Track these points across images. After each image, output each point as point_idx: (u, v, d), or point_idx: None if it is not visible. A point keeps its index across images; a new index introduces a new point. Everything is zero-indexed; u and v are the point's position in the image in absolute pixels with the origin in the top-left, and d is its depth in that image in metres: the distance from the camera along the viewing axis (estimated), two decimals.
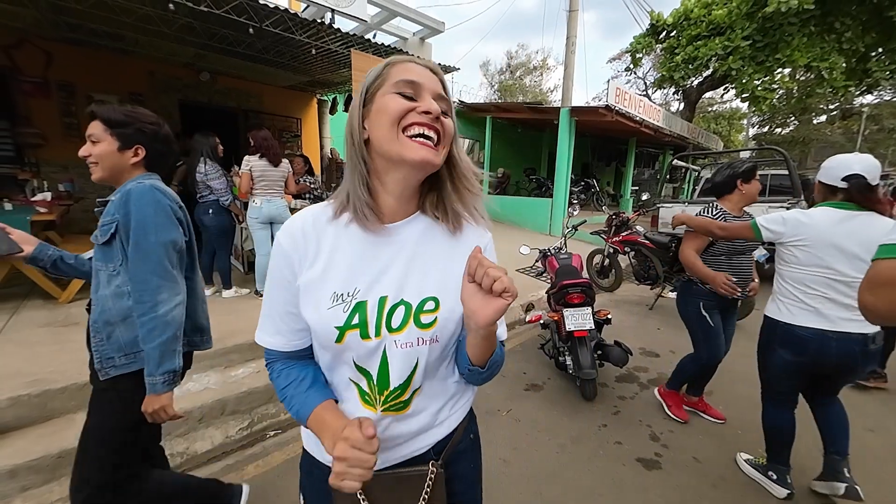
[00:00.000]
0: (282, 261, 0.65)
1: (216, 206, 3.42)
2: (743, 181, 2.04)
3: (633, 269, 4.91)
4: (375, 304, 0.63)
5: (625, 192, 12.26)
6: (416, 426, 0.69)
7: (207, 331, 1.35)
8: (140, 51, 5.24)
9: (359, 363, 0.65)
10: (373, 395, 0.65)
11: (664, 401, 2.49)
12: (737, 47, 9.15)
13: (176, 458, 2.00)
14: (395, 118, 0.58)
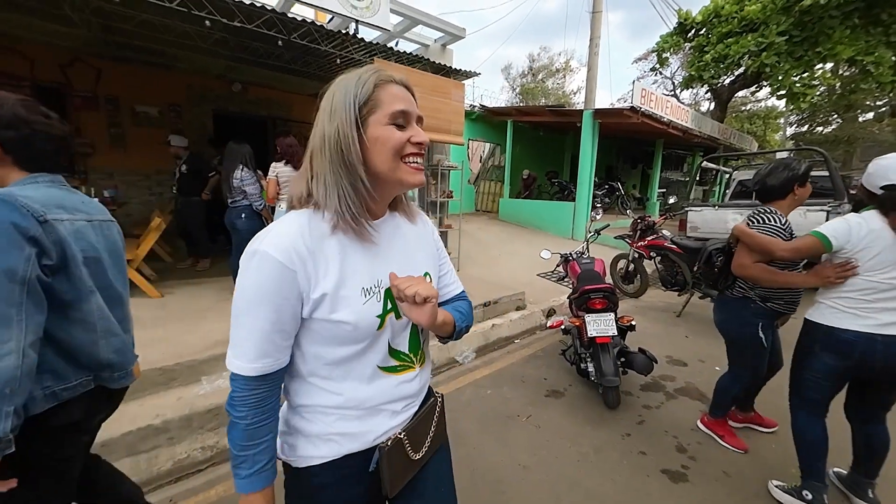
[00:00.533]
0: (280, 280, 0.64)
1: (249, 211, 3.58)
2: (800, 184, 1.84)
3: (660, 274, 4.76)
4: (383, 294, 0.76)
5: (651, 195, 11.91)
6: (428, 370, 0.90)
7: (120, 364, 1.12)
8: (178, 65, 5.57)
9: (393, 345, 0.78)
10: (409, 361, 0.82)
11: (713, 432, 2.24)
12: (771, 43, 8.73)
13: (206, 451, 2.10)
14: (397, 151, 0.68)
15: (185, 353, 2.52)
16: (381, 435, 0.78)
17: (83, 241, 1.03)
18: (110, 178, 5.48)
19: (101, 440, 1.90)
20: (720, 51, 9.59)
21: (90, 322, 1.03)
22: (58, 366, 0.97)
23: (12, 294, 0.82)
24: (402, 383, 0.81)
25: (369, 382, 0.76)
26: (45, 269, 0.90)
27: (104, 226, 1.14)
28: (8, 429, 0.80)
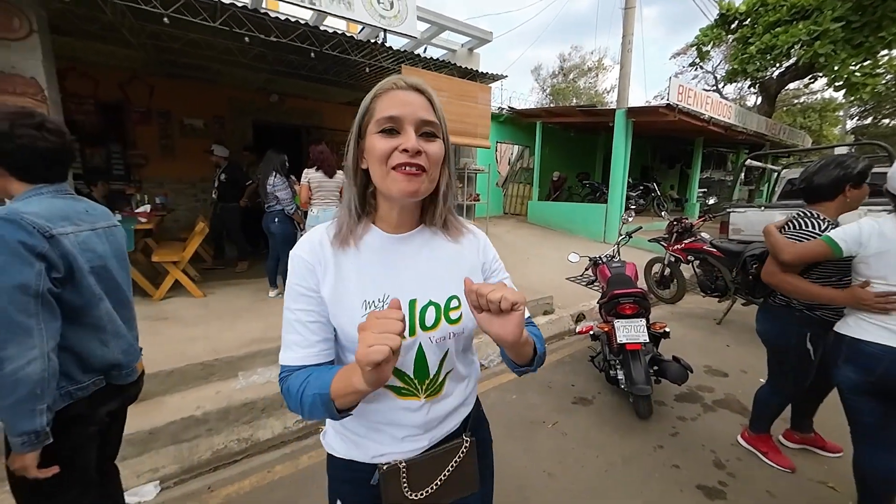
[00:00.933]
0: (304, 272, 0.70)
1: (281, 215, 3.77)
2: (853, 185, 1.66)
3: (698, 279, 4.51)
4: (406, 306, 0.70)
5: (690, 195, 11.31)
6: (452, 405, 0.78)
7: (127, 363, 1.18)
8: (221, 79, 5.95)
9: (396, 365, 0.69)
10: (412, 386, 0.73)
11: (755, 448, 2.09)
12: (826, 31, 8.06)
13: (242, 443, 2.21)
14: (382, 159, 0.64)
15: (223, 349, 2.67)
16: (382, 455, 0.75)
17: (89, 252, 1.06)
18: (161, 187, 5.92)
19: (149, 428, 2.07)
20: (767, 42, 8.97)
21: (100, 326, 1.09)
22: (71, 368, 1.03)
23: (28, 306, 0.89)
24: (404, 409, 0.73)
25: (370, 398, 0.70)
26: (54, 281, 0.95)
27: (109, 231, 1.18)
28: (44, 423, 0.91)
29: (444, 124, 0.69)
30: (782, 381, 1.94)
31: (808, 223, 1.70)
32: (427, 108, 0.66)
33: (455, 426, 0.81)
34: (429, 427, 0.76)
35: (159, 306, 3.51)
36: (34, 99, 2.71)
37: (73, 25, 3.73)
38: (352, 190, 0.72)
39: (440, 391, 0.76)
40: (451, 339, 0.74)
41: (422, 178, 0.65)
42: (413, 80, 0.68)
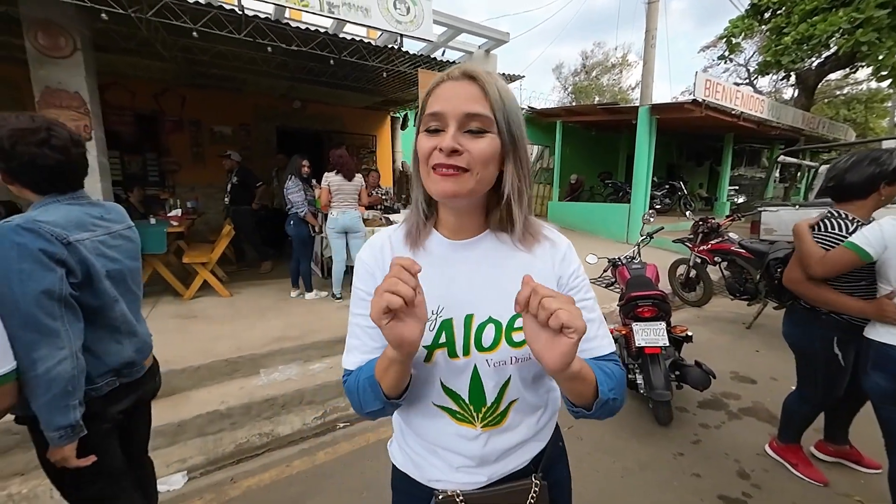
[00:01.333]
0: (366, 276, 0.69)
1: (296, 218, 3.92)
2: (889, 182, 1.55)
3: (726, 281, 4.32)
4: (461, 322, 0.63)
5: (720, 194, 10.85)
6: (517, 438, 0.68)
7: (139, 360, 1.22)
8: (247, 88, 6.21)
9: (447, 384, 0.65)
10: (467, 412, 0.65)
11: (784, 459, 1.98)
12: (869, 18, 7.53)
13: (263, 437, 2.30)
14: (424, 159, 0.60)
15: (247, 347, 2.79)
16: (437, 481, 0.69)
17: (104, 257, 1.10)
18: (192, 191, 6.22)
19: (178, 421, 2.19)
20: (803, 31, 8.47)
21: (115, 327, 1.14)
22: (88, 369, 1.05)
23: (54, 310, 0.95)
24: (459, 436, 0.66)
25: (425, 415, 0.68)
26: (72, 285, 1.00)
27: (124, 233, 1.23)
28: (78, 417, 0.98)
29: (503, 115, 0.58)
30: (812, 388, 1.84)
31: (836, 224, 1.61)
32: (477, 99, 0.57)
33: (522, 464, 0.70)
34: (486, 461, 0.67)
35: (189, 305, 3.69)
36: (77, 112, 2.92)
37: (112, 42, 3.99)
38: (418, 191, 0.67)
39: (501, 422, 0.66)
40: (512, 365, 0.64)
41: (461, 179, 0.57)
42: (468, 68, 0.60)
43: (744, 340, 3.66)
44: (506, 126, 0.59)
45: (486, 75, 0.59)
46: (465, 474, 0.67)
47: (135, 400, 1.23)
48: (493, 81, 0.59)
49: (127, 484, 1.25)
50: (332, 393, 2.62)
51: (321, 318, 3.41)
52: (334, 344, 3.00)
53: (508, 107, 0.59)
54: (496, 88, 0.58)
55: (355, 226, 3.81)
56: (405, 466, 0.74)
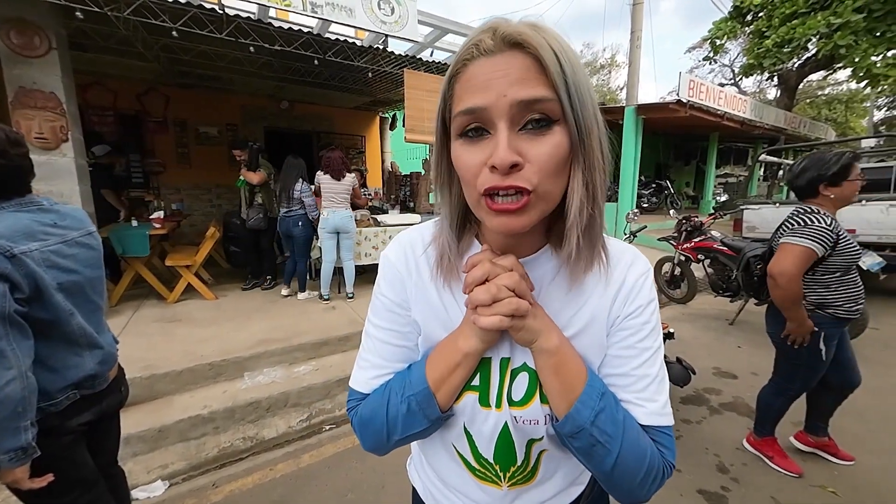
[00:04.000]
0: (393, 281, 0.55)
1: (305, 219, 3.90)
2: (829, 184, 1.65)
3: (710, 279, 4.40)
4: (498, 366, 0.51)
5: (706, 193, 11.03)
6: (552, 491, 0.58)
7: (102, 372, 1.17)
8: (233, 88, 6.13)
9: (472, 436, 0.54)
10: (491, 472, 0.55)
11: (761, 452, 2.03)
12: (846, 22, 7.75)
13: (247, 441, 2.28)
14: (469, 180, 0.42)
15: (232, 349, 2.75)
16: None
17: (55, 269, 1.02)
18: (177, 193, 6.13)
19: (159, 426, 2.15)
20: (783, 34, 8.67)
21: (74, 339, 1.08)
22: (45, 384, 1.01)
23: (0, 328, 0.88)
24: (483, 491, 0.57)
25: (447, 457, 0.59)
26: (19, 301, 0.93)
27: (82, 240, 1.14)
28: (30, 439, 0.93)
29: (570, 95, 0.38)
30: (790, 381, 1.90)
31: (810, 220, 1.65)
32: (532, 74, 0.38)
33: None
34: None
35: (173, 309, 3.64)
36: (54, 112, 2.86)
37: (91, 42, 3.91)
38: (446, 209, 0.50)
39: (532, 478, 0.56)
40: (545, 424, 0.51)
41: (528, 209, 0.41)
42: (509, 29, 0.39)
43: (726, 336, 3.73)
44: (575, 111, 0.39)
45: (537, 35, 0.38)
46: None
47: (99, 413, 1.17)
48: (550, 43, 0.38)
49: (102, 491, 1.23)
50: (317, 395, 2.61)
51: (308, 320, 3.39)
52: (320, 346, 2.98)
53: (577, 80, 0.39)
54: (555, 54, 0.38)
55: (346, 226, 3.80)
56: (425, 496, 0.65)
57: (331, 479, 1.98)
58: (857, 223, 4.20)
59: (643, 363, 0.49)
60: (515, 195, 0.40)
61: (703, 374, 2.88)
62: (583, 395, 0.46)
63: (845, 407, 1.96)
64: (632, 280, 0.51)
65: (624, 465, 0.46)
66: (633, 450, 0.46)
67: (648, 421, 0.48)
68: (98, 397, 1.17)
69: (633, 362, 0.49)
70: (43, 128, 2.83)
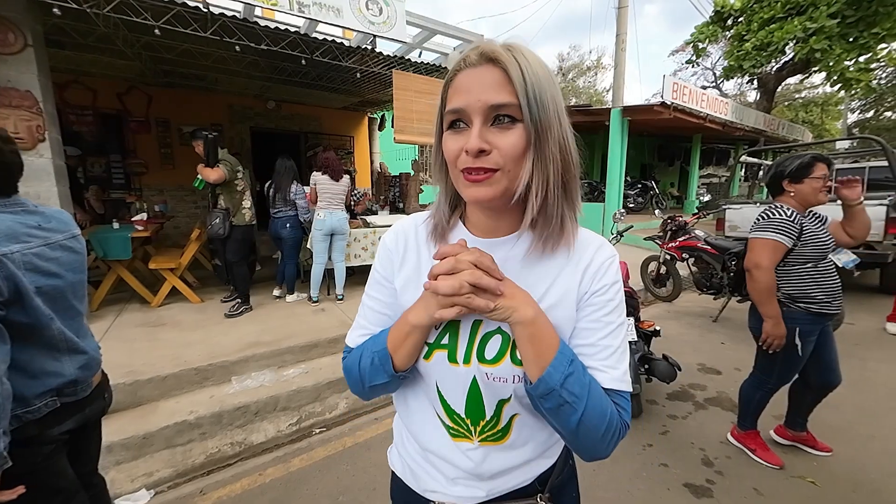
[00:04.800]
0: (384, 260, 0.67)
1: (294, 221, 3.85)
2: (792, 181, 1.77)
3: (694, 277, 4.50)
4: (468, 327, 0.59)
5: (690, 193, 11.28)
6: (522, 458, 0.63)
7: (83, 378, 1.14)
8: (219, 87, 6.03)
9: (443, 394, 0.61)
10: (463, 427, 0.61)
11: (744, 445, 2.09)
12: (821, 27, 8.04)
13: (235, 447, 2.24)
14: (452, 161, 0.54)
15: (219, 353, 2.71)
16: (433, 492, 0.66)
17: (37, 272, 1.00)
18: (161, 194, 5.99)
19: (143, 433, 2.10)
20: (762, 38, 8.95)
21: (52, 345, 1.05)
22: (23, 390, 0.98)
23: None
24: (456, 448, 0.63)
25: (424, 421, 0.65)
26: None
27: (67, 244, 1.13)
28: (2, 448, 0.86)
29: (528, 101, 0.49)
30: (768, 375, 1.97)
31: (772, 213, 1.79)
32: (501, 84, 0.49)
33: (526, 481, 0.65)
34: (484, 476, 0.62)
35: (157, 313, 3.55)
36: (30, 111, 2.77)
37: (69, 39, 3.80)
38: (442, 189, 0.63)
39: (503, 438, 0.61)
40: (514, 383, 0.57)
41: (493, 181, 0.51)
42: (487, 48, 0.51)
43: (711, 333, 3.82)
44: (533, 112, 0.49)
45: (507, 54, 0.49)
46: (463, 487, 0.64)
47: (82, 420, 1.14)
48: (518, 60, 0.49)
49: (83, 501, 1.19)
50: (307, 398, 2.58)
51: (297, 322, 3.35)
52: (310, 348, 2.95)
53: (538, 88, 0.49)
54: (520, 68, 0.49)
55: (342, 227, 3.78)
56: (403, 475, 0.71)
57: (321, 483, 1.96)
58: None
59: (607, 335, 0.57)
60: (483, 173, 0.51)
61: (688, 370, 2.95)
62: (554, 361, 0.52)
63: (825, 400, 2.03)
64: (599, 261, 0.59)
65: (588, 422, 0.52)
66: (595, 409, 0.53)
67: (610, 385, 0.55)
68: (80, 405, 1.13)
69: (599, 334, 0.57)
70: (18, 127, 2.74)
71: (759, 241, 1.79)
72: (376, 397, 0.68)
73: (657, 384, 2.68)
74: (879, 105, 18.70)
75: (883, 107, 18.77)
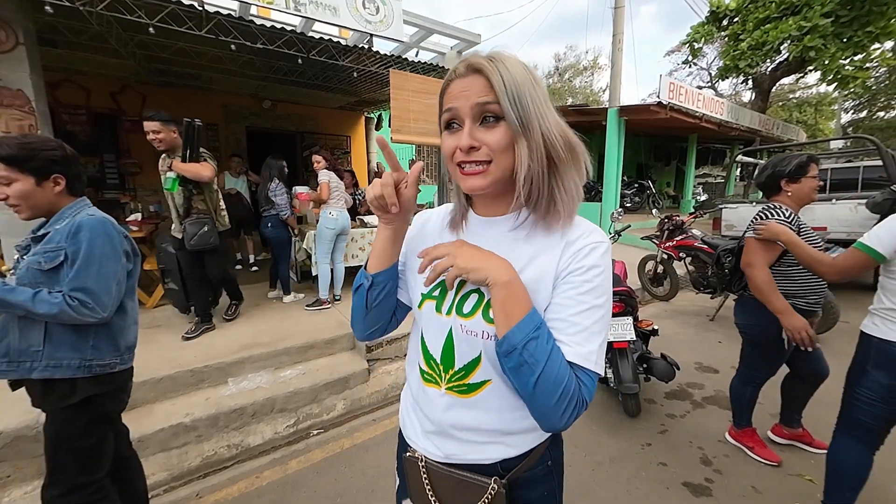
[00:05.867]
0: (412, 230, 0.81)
1: (274, 220, 3.80)
2: (790, 181, 1.78)
3: (691, 276, 4.52)
4: (456, 284, 0.66)
5: (686, 192, 11.33)
6: (484, 421, 0.67)
7: (134, 348, 1.40)
8: (214, 87, 5.98)
9: (426, 340, 0.71)
10: (436, 372, 0.69)
11: (741, 444, 2.11)
12: (815, 26, 8.10)
13: (232, 449, 2.22)
14: (449, 158, 0.63)
15: (215, 355, 2.68)
16: (410, 440, 0.75)
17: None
18: (155, 194, 5.93)
19: (137, 436, 2.07)
20: (757, 38, 9.01)
21: (133, 314, 1.39)
22: (102, 343, 1.25)
23: (114, 290, 1.25)
24: (427, 394, 0.71)
25: (413, 366, 0.75)
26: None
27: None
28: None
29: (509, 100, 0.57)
30: (754, 371, 2.00)
31: (770, 214, 1.78)
32: (485, 90, 0.58)
33: (485, 460, 0.68)
34: (443, 431, 0.69)
35: (151, 314, 3.52)
36: (21, 111, 2.73)
37: (62, 37, 3.75)
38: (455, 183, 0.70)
39: (469, 393, 0.67)
40: (483, 339, 0.64)
41: (485, 173, 0.60)
42: (472, 60, 0.60)
43: (707, 332, 3.84)
44: (513, 110, 0.58)
45: (489, 64, 0.58)
46: (430, 443, 0.71)
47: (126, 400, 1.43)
48: (498, 68, 0.58)
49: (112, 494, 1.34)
50: (304, 400, 2.56)
51: (294, 323, 3.33)
52: (307, 349, 2.93)
53: (516, 91, 0.57)
54: (500, 75, 0.57)
55: (348, 227, 3.73)
56: (401, 418, 0.80)
57: (319, 485, 1.95)
58: (828, 221, 4.38)
59: (578, 313, 0.60)
60: (478, 165, 0.61)
61: (685, 369, 2.96)
62: (521, 323, 0.57)
63: (820, 398, 2.03)
64: (581, 244, 0.63)
65: (544, 385, 0.56)
66: (553, 374, 0.56)
67: (573, 359, 0.59)
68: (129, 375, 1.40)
69: (570, 311, 0.61)
70: (10, 127, 2.70)
71: (753, 241, 1.80)
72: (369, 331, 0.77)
73: (655, 383, 2.68)
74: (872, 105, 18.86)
75: (876, 107, 18.94)
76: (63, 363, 1.18)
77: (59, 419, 1.23)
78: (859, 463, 1.51)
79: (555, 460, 0.77)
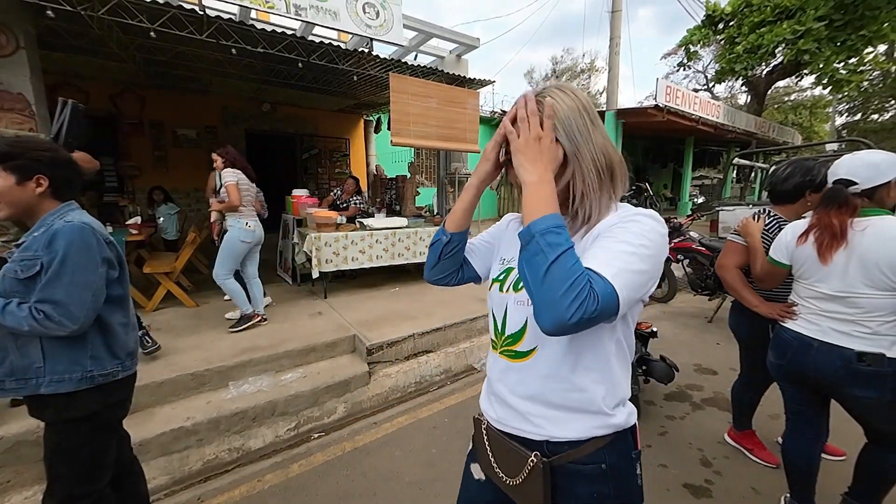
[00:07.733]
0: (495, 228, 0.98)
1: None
2: (814, 191, 1.73)
3: (689, 278, 4.55)
4: (514, 271, 0.81)
5: (683, 195, 11.39)
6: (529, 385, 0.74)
7: (136, 352, 1.38)
8: (213, 90, 5.99)
9: (494, 311, 0.83)
10: (498, 339, 0.82)
11: (741, 445, 2.13)
12: (809, 29, 8.20)
13: (233, 453, 2.22)
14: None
15: (215, 358, 2.68)
16: (481, 404, 0.88)
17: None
18: None
19: (138, 440, 2.07)
20: (752, 41, 9.10)
21: (129, 315, 1.33)
22: (100, 353, 1.22)
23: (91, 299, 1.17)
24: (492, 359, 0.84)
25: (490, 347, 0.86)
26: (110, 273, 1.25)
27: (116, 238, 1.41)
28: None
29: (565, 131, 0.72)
30: (754, 373, 2.02)
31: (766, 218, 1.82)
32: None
33: (531, 434, 0.74)
34: (498, 393, 0.80)
35: (151, 317, 3.51)
36: (22, 114, 2.73)
37: (62, 41, 3.76)
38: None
39: (521, 358, 0.76)
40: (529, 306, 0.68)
41: None
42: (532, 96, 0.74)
43: (706, 334, 3.86)
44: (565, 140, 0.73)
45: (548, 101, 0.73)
46: (489, 405, 0.83)
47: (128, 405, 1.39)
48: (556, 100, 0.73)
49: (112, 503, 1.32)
50: (305, 403, 2.56)
51: (294, 327, 3.33)
52: (307, 352, 2.93)
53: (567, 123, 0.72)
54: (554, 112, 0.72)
55: (262, 236, 3.33)
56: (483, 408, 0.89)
57: (321, 489, 1.95)
58: None
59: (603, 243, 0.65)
60: None
61: (684, 371, 2.98)
62: (543, 217, 0.63)
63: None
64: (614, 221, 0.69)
65: (555, 273, 0.58)
66: (565, 265, 0.58)
67: (590, 264, 0.61)
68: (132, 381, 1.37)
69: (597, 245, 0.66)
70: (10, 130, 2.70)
71: (730, 243, 1.89)
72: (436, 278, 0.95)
73: (655, 385, 2.70)
74: (867, 108, 19.05)
75: (870, 110, 19.12)
76: (65, 377, 1.17)
77: (60, 430, 1.21)
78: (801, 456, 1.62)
79: (613, 467, 0.73)
